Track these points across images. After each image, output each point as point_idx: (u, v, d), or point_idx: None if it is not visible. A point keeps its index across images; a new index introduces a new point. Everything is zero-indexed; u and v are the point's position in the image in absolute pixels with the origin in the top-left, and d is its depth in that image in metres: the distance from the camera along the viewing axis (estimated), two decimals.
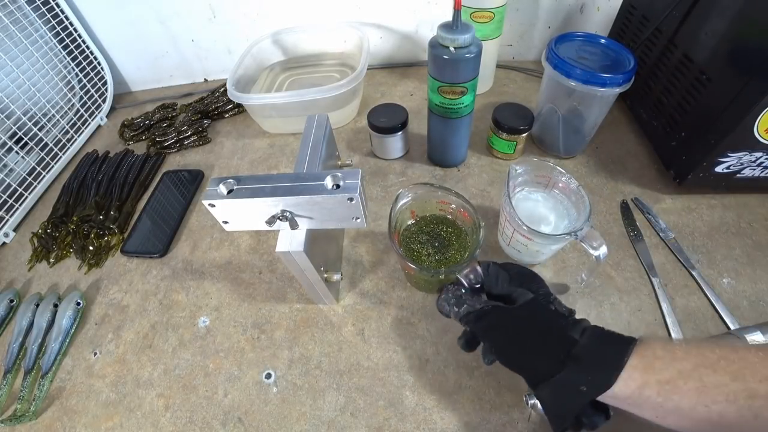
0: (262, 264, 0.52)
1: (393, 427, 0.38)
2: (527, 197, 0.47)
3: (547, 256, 0.47)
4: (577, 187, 0.41)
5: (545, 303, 0.31)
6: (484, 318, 0.30)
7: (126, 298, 0.50)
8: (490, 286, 0.33)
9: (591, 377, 0.26)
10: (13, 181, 0.61)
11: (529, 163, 0.44)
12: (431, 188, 0.44)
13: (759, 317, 0.42)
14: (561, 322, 0.29)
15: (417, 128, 0.65)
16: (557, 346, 0.27)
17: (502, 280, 0.33)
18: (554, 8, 0.73)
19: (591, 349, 0.27)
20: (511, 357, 0.30)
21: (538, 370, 0.28)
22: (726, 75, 0.44)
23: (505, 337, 0.30)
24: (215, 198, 0.34)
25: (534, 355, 0.28)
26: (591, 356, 0.26)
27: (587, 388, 0.25)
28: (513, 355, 0.30)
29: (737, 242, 0.48)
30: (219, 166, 0.66)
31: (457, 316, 0.32)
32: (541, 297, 0.31)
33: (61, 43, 0.71)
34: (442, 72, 0.47)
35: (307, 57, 0.79)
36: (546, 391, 0.27)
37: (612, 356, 0.26)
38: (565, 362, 0.26)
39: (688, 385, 0.24)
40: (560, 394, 0.27)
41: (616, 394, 0.25)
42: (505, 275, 0.33)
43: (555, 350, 0.27)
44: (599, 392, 0.25)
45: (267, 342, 0.45)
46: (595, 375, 0.26)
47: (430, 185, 0.44)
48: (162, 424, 0.40)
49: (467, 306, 0.31)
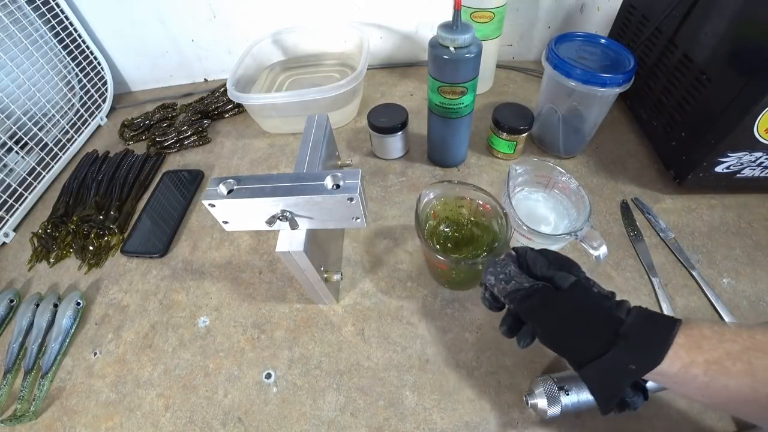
0: (262, 264, 0.52)
1: (393, 427, 0.38)
2: (527, 197, 0.47)
3: None
4: (577, 187, 0.42)
5: (588, 286, 0.31)
6: (533, 296, 0.30)
7: (126, 298, 0.50)
8: (531, 269, 0.33)
9: (640, 355, 0.26)
10: (13, 181, 0.61)
11: (529, 163, 0.45)
12: (449, 185, 0.44)
13: (759, 317, 0.42)
14: (606, 303, 0.29)
15: (417, 128, 0.65)
16: (605, 327, 0.28)
17: (541, 264, 0.32)
18: (554, 8, 0.73)
19: (639, 327, 0.27)
20: (558, 339, 0.30)
21: (586, 350, 0.28)
22: (726, 75, 0.44)
23: (553, 318, 0.29)
24: (215, 198, 0.34)
25: (582, 337, 0.28)
26: (639, 334, 0.26)
27: (636, 366, 0.26)
28: (560, 337, 0.30)
29: (737, 242, 0.48)
30: (219, 166, 0.66)
31: (503, 292, 0.31)
32: (583, 280, 0.31)
33: (61, 43, 0.71)
34: (442, 72, 0.47)
35: (307, 57, 0.79)
36: (594, 371, 0.27)
37: (660, 334, 0.26)
38: (614, 341, 0.26)
39: (736, 366, 0.24)
40: (609, 373, 0.27)
41: (663, 371, 0.25)
42: (544, 260, 0.33)
43: (603, 331, 0.27)
44: (648, 369, 0.25)
45: (267, 342, 0.45)
46: (644, 353, 0.26)
47: (448, 182, 0.44)
48: (162, 424, 0.40)
49: (515, 283, 0.31)
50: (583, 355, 0.28)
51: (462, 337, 0.43)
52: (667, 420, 0.36)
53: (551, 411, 0.34)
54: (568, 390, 0.34)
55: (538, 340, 0.31)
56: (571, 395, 0.34)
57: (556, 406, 0.34)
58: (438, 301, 0.46)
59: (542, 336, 0.30)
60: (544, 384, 0.35)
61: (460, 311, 0.45)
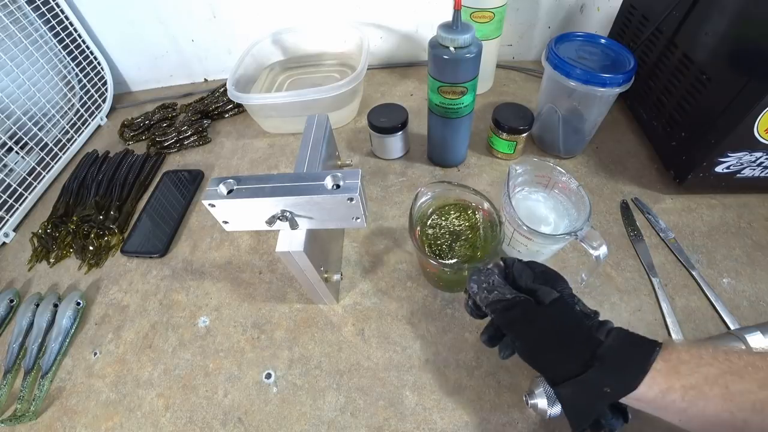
0: (262, 264, 0.52)
1: (393, 427, 0.38)
2: (527, 197, 0.47)
3: (547, 256, 0.47)
4: (577, 187, 0.41)
5: (571, 303, 0.30)
6: (513, 309, 0.30)
7: (126, 298, 0.50)
8: (516, 280, 0.32)
9: (616, 378, 0.25)
10: (13, 181, 0.61)
11: (529, 163, 0.44)
12: (449, 186, 0.44)
13: (759, 317, 0.42)
14: (587, 323, 0.29)
15: (417, 128, 0.65)
16: (583, 346, 0.27)
17: (526, 276, 0.32)
18: (554, 8, 0.73)
19: (616, 350, 0.26)
20: (535, 354, 0.29)
21: (563, 369, 0.27)
22: (726, 75, 0.44)
23: (532, 332, 0.29)
24: (215, 198, 0.34)
25: (559, 354, 0.28)
26: (616, 357, 0.26)
27: (611, 389, 0.25)
28: (537, 351, 0.29)
29: (737, 242, 0.48)
30: (219, 166, 0.66)
31: (485, 301, 0.31)
32: (567, 297, 0.31)
33: (61, 43, 0.71)
34: (442, 72, 0.47)
35: (307, 57, 0.79)
36: (569, 390, 0.27)
37: (637, 358, 0.26)
38: (590, 363, 0.26)
39: (713, 391, 0.23)
40: (583, 394, 0.26)
41: (639, 396, 0.25)
42: (530, 272, 0.32)
43: (580, 350, 0.27)
44: (623, 394, 0.25)
45: (267, 342, 0.45)
46: (620, 376, 0.25)
47: (447, 182, 0.44)
48: (162, 424, 0.40)
49: (497, 293, 0.31)
50: (559, 373, 0.27)
51: (462, 337, 0.43)
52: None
53: (551, 411, 0.34)
54: None
55: (517, 354, 0.31)
56: None
57: (556, 406, 0.34)
58: (438, 301, 0.46)
59: (520, 349, 0.30)
60: (544, 384, 0.35)
61: (460, 311, 0.45)
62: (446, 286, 0.46)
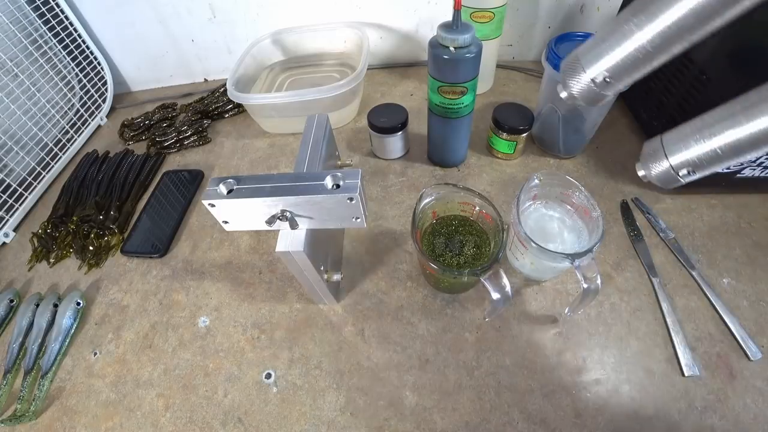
0: (262, 264, 0.52)
1: (393, 427, 0.38)
2: (539, 209, 0.46)
3: (549, 277, 0.46)
4: (597, 217, 0.40)
5: None
6: None
7: (126, 298, 0.50)
8: None
9: None
10: (13, 181, 0.61)
11: (557, 178, 0.43)
12: (454, 188, 0.44)
13: (759, 317, 0.42)
14: None
15: (417, 128, 0.65)
16: None
17: None
18: (554, 8, 0.73)
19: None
20: None
21: None
22: (726, 75, 0.44)
23: None
24: (215, 198, 0.34)
25: None
26: None
27: None
28: None
29: (737, 242, 0.48)
30: (219, 166, 0.66)
31: None
32: None
33: (61, 43, 0.71)
34: (442, 72, 0.47)
35: (307, 57, 0.79)
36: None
37: None
38: None
39: None
40: None
41: None
42: None
43: None
44: None
45: (267, 342, 0.45)
46: None
47: (453, 185, 0.43)
48: (162, 424, 0.40)
49: None
50: None
51: (462, 337, 0.43)
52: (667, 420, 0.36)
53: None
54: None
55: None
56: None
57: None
58: (438, 301, 0.46)
59: None
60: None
61: (460, 311, 0.45)
62: (446, 289, 0.46)
